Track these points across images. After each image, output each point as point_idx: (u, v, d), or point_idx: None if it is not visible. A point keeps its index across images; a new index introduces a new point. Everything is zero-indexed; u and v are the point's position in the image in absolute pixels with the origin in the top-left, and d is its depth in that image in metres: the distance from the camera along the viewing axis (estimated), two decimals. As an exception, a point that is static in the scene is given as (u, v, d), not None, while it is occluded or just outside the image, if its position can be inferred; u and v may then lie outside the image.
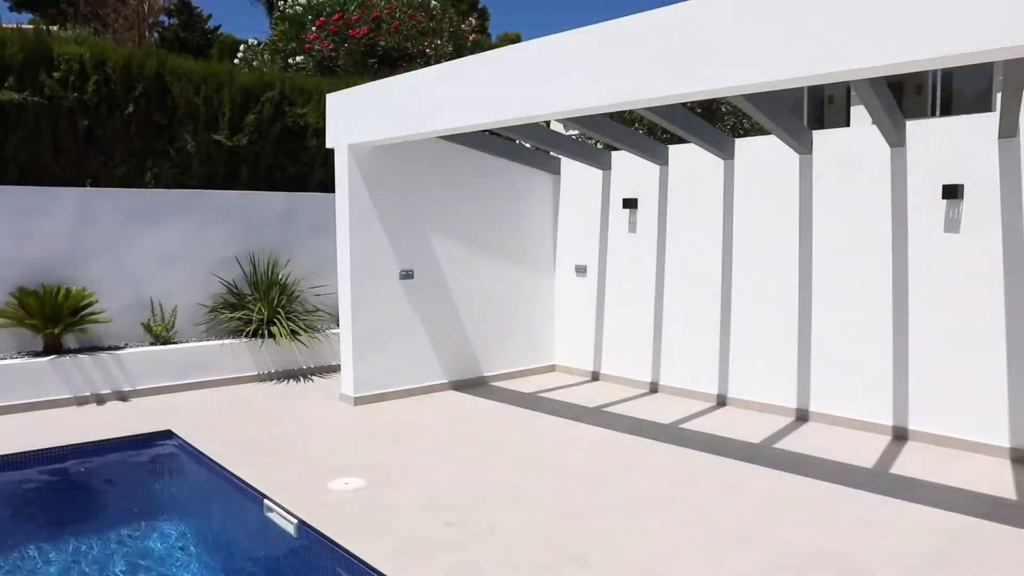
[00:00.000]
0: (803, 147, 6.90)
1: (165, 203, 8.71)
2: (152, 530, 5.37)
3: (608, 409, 7.59)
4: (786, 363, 7.18)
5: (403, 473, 5.68)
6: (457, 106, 6.25)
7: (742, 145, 7.53)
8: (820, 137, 6.96)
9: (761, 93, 5.42)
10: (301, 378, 8.89)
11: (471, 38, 16.11)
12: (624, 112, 10.40)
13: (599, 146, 9.61)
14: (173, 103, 8.97)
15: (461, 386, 8.47)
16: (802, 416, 7.09)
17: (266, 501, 5.18)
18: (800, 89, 17.74)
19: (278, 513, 5.02)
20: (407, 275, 7.91)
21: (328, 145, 7.67)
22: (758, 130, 12.43)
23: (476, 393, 8.26)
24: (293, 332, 8.69)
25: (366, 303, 7.66)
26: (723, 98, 8.75)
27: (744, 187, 7.48)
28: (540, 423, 7.12)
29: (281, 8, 15.75)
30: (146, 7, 32.68)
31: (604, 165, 8.72)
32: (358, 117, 7.31)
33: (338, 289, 7.79)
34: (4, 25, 8.26)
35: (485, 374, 8.74)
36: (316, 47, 14.10)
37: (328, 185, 10.07)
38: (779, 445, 6.33)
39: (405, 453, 6.19)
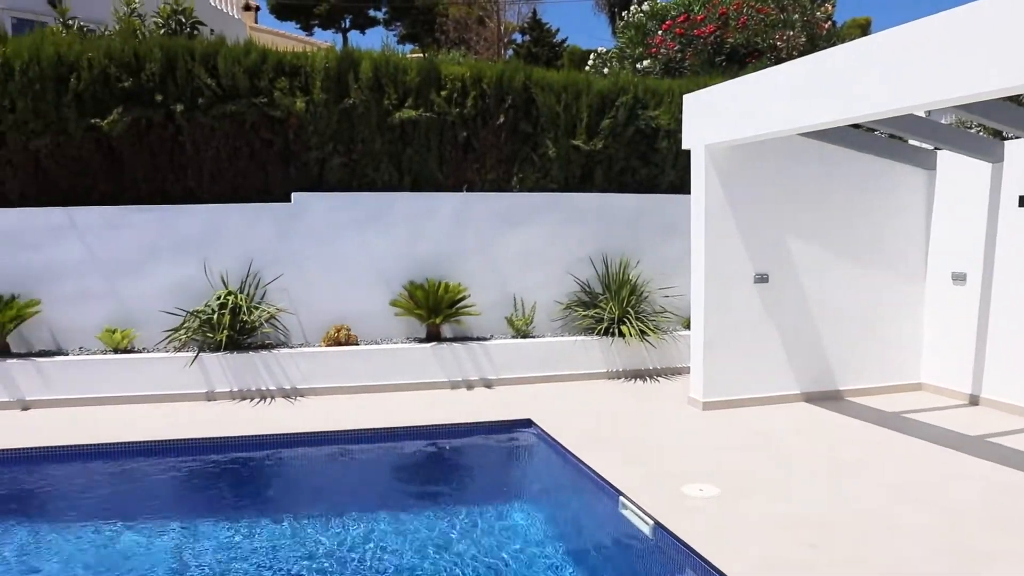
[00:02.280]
0: None
1: (529, 205, 9.43)
2: (510, 511, 5.80)
3: (996, 440, 6.59)
4: None
5: (758, 485, 5.49)
6: (818, 101, 5.87)
7: None
8: None
9: None
10: (648, 378, 9.04)
11: (826, 27, 15.05)
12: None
13: (986, 134, 8.39)
14: (537, 112, 9.66)
15: (813, 398, 7.96)
16: None
17: (622, 498, 5.32)
18: None
19: (633, 511, 5.13)
20: (762, 279, 7.63)
21: (684, 146, 7.67)
22: None
23: (831, 407, 7.70)
24: (642, 332, 8.87)
25: (719, 306, 7.54)
26: None
27: None
28: (908, 447, 6.41)
29: (624, 16, 16.16)
30: (502, 28, 35.72)
31: (995, 157, 7.57)
32: (715, 117, 7.20)
33: (690, 291, 7.77)
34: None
35: (840, 387, 8.11)
36: (662, 50, 14.22)
37: (678, 186, 10.12)
38: None
39: (759, 464, 5.97)
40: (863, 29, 28.34)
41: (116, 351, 8.18)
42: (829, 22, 15.44)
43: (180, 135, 8.77)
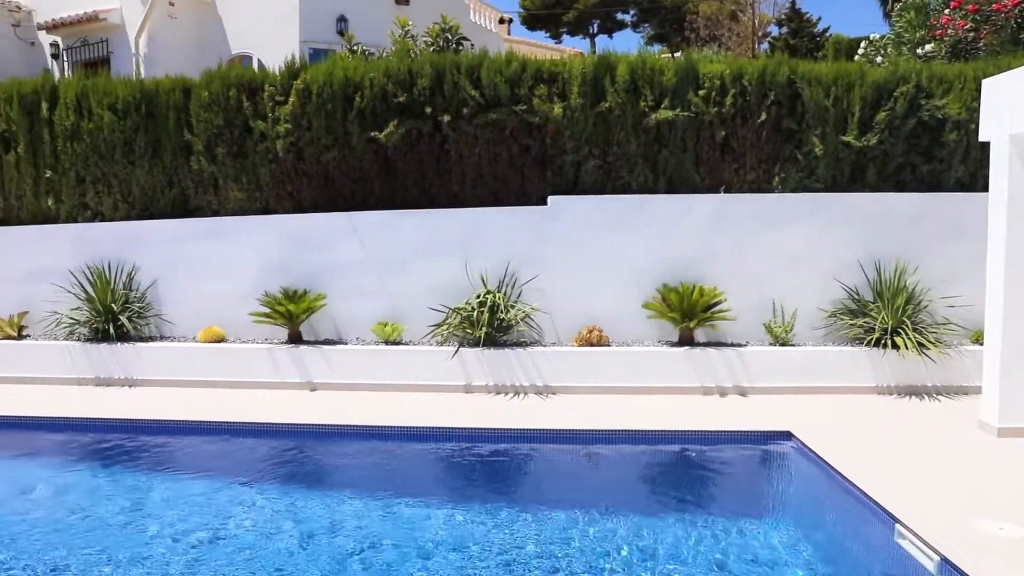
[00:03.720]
0: None
1: (791, 206, 8.87)
2: (766, 528, 5.47)
3: None
4: None
5: (1076, 530, 4.69)
6: None
7: None
8: None
9: None
10: (925, 396, 8.11)
11: None
12: None
13: None
14: (803, 108, 9.06)
15: None
16: None
17: (898, 527, 4.81)
18: None
19: (911, 542, 4.62)
20: (1080, 288, 6.53)
21: (982, 138, 6.76)
22: None
23: None
24: (920, 345, 7.97)
25: (1022, 319, 6.56)
26: None
27: None
28: None
29: (900, -2, 14.69)
30: (756, 21, 34.20)
31: None
32: None
33: (984, 301, 6.83)
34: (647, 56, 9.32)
35: None
36: (949, 31, 12.74)
37: (968, 184, 9.03)
38: None
39: (1075, 505, 5.11)
40: None
41: (387, 343, 8.92)
42: None
43: (446, 143, 9.36)
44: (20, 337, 9.87)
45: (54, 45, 17.29)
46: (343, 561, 4.91)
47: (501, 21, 26.82)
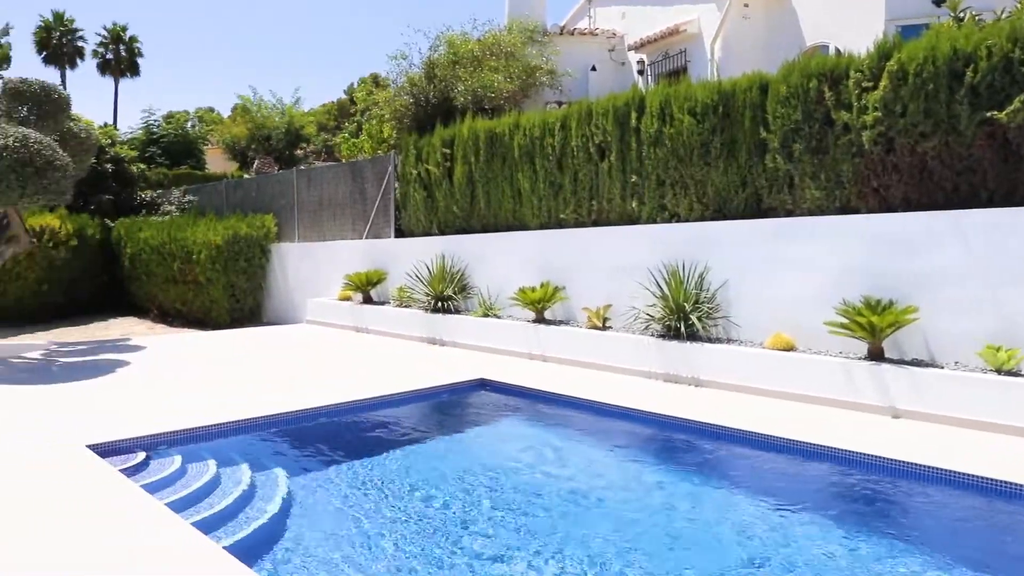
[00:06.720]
0: None
1: None
2: None
3: None
4: None
5: None
6: None
7: None
8: None
9: None
10: None
11: None
12: None
13: None
14: None
15: None
16: None
17: None
18: None
19: None
20: None
21: None
22: None
23: None
24: None
25: None
26: None
27: None
28: None
29: None
30: None
31: None
32: None
33: None
34: None
35: None
36: None
37: None
38: None
39: None
40: None
41: (999, 372, 7.22)
42: None
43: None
44: (604, 328, 10.77)
45: (639, 62, 18.88)
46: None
47: None
